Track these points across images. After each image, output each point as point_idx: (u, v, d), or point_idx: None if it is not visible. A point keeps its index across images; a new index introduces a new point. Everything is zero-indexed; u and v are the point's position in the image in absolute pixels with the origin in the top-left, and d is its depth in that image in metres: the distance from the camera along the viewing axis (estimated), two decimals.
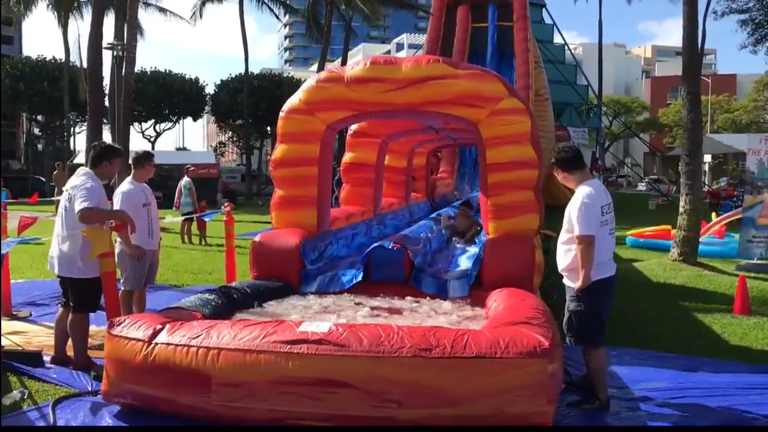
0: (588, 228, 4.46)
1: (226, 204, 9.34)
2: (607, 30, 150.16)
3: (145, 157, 6.47)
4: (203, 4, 38.11)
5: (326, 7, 33.48)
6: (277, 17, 39.96)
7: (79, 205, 5.04)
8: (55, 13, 36.27)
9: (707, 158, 35.72)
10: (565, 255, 4.70)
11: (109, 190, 6.07)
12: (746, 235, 11.25)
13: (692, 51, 11.80)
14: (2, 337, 5.85)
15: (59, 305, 5.64)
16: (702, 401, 4.71)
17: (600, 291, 4.58)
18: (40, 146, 54.08)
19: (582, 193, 4.59)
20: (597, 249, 4.50)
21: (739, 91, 61.15)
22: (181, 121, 52.25)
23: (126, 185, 6.25)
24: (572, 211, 4.57)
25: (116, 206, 6.05)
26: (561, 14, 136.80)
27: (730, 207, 19.02)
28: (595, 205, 4.54)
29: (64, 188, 5.43)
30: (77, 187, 5.21)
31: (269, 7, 39.45)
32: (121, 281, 6.14)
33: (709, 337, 6.75)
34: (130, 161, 6.63)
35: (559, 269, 4.81)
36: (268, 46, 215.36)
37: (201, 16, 38.25)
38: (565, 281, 4.80)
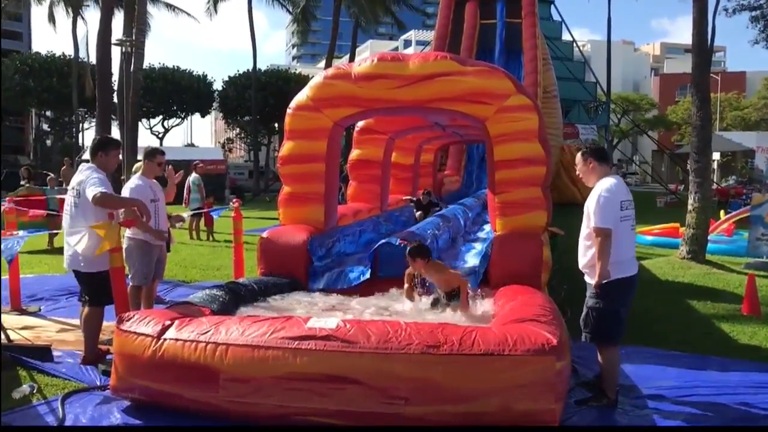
0: (605, 220, 4.40)
1: (234, 200, 9.36)
2: (619, 27, 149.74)
3: (152, 153, 6.46)
4: (216, 0, 38.03)
5: (334, 3, 33.45)
6: (289, 11, 39.87)
7: (93, 191, 5.09)
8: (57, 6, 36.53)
9: (716, 156, 35.54)
10: (586, 252, 4.62)
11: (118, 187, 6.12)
12: (755, 234, 11.20)
13: (701, 48, 11.73)
14: (12, 332, 5.90)
15: (82, 303, 5.62)
16: (710, 400, 4.69)
17: (620, 289, 4.52)
18: (48, 142, 54.34)
19: (602, 186, 4.54)
20: (619, 246, 4.45)
21: (748, 88, 60.74)
22: (189, 118, 52.41)
23: (134, 181, 6.27)
24: (590, 204, 4.52)
25: None
26: (573, 11, 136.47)
27: (738, 205, 18.93)
28: (614, 199, 4.48)
29: (70, 186, 5.46)
30: (83, 181, 5.25)
31: (279, 2, 39.42)
32: (129, 277, 6.17)
33: (717, 336, 6.72)
34: (140, 157, 6.64)
35: (580, 266, 4.74)
36: (278, 43, 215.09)
37: (216, 12, 38.15)
38: (586, 278, 4.72)
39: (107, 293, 5.28)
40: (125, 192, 6.23)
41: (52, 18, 39.12)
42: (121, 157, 20.52)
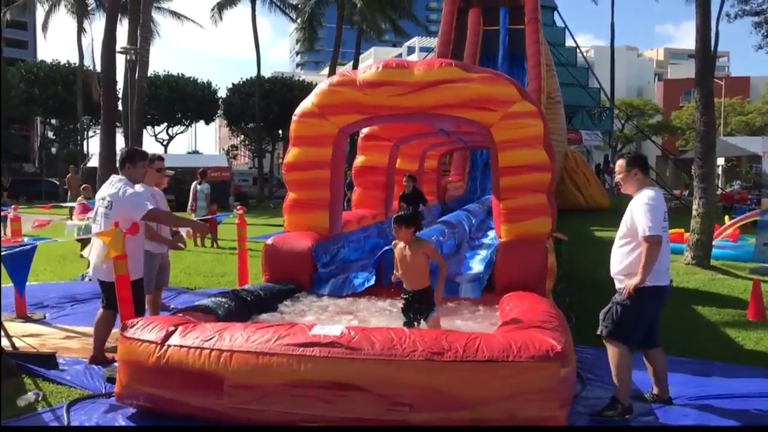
0: (656, 228, 4.38)
1: (238, 207, 9.38)
2: (624, 33, 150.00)
3: (150, 160, 6.28)
4: (221, 8, 38.23)
5: (337, 11, 33.56)
6: (292, 19, 40.03)
7: (143, 207, 5.29)
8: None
9: (721, 161, 35.48)
10: (623, 259, 4.58)
11: None
12: (763, 239, 11.17)
13: (705, 53, 11.74)
14: (17, 339, 5.92)
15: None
16: (716, 405, 4.67)
17: (653, 297, 4.51)
18: (53, 149, 54.56)
19: (646, 195, 4.53)
20: (659, 254, 4.43)
21: (752, 93, 60.64)
22: (193, 125, 52.55)
23: (136, 188, 6.27)
24: (637, 212, 4.49)
25: None
26: (578, 17, 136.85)
27: (743, 210, 18.88)
28: (661, 208, 4.49)
29: (99, 196, 5.53)
30: (116, 195, 5.35)
31: (282, 10, 39.59)
32: None
33: (722, 342, 6.69)
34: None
35: (613, 273, 4.68)
36: (283, 50, 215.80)
37: (221, 19, 38.35)
38: (618, 284, 4.67)
39: (136, 303, 5.32)
40: None
41: (45, 26, 39.46)
42: None
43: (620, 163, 4.81)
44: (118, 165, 5.78)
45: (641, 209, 4.46)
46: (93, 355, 5.51)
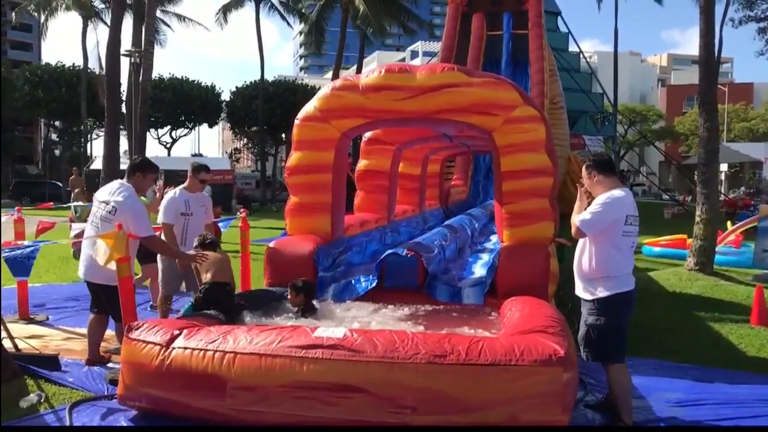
0: (591, 225, 4.41)
1: (241, 210, 9.39)
2: (629, 39, 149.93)
3: (196, 169, 6.72)
4: (226, 11, 38.37)
5: (342, 15, 33.64)
6: (289, 25, 40.24)
7: (146, 229, 5.33)
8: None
9: (724, 167, 35.46)
10: (581, 263, 4.58)
11: None
12: (762, 245, 11.15)
13: (708, 60, 11.74)
14: (20, 341, 5.93)
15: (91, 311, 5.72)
16: (718, 412, 4.66)
17: (620, 304, 4.45)
18: (57, 152, 54.70)
19: (607, 194, 4.48)
20: (618, 261, 4.42)
21: (756, 99, 60.65)
22: (196, 128, 52.68)
23: (173, 192, 6.56)
24: (590, 208, 4.48)
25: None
26: (583, 22, 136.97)
27: (746, 216, 18.86)
28: (613, 211, 4.41)
29: (100, 198, 5.52)
30: (123, 204, 5.31)
31: (281, 15, 39.70)
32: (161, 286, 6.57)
33: (725, 348, 6.69)
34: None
35: (576, 278, 4.68)
36: (289, 54, 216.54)
37: (226, 22, 38.54)
38: (579, 293, 4.65)
39: (116, 308, 5.30)
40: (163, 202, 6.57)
41: (44, 25, 39.56)
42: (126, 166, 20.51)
43: (582, 172, 4.83)
44: (127, 170, 5.66)
45: (594, 204, 4.48)
46: (88, 357, 5.54)
